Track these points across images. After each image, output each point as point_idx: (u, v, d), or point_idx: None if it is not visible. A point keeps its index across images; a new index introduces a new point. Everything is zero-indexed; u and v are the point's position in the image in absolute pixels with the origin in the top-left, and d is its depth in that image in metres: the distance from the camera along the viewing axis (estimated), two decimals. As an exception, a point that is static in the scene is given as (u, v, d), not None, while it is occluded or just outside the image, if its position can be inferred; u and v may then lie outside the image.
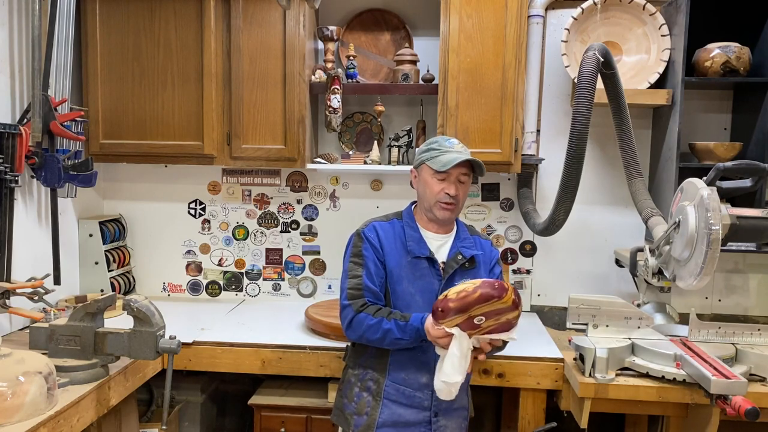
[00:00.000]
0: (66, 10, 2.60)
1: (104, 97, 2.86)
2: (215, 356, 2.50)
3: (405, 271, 2.02)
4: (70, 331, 2.02)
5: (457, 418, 2.08)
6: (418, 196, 2.11)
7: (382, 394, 2.02)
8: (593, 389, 2.13)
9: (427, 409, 2.02)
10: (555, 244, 3.06)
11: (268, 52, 2.79)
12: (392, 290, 2.02)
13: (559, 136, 2.96)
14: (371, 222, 2.10)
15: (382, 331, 1.92)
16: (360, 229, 2.08)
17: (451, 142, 2.04)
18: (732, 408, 1.88)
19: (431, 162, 2.01)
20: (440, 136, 2.10)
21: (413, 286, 2.02)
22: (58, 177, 2.57)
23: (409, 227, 2.08)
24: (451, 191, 2.00)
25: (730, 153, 2.67)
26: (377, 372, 2.03)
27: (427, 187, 2.03)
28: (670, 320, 2.58)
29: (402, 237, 2.06)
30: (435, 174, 2.00)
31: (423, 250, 2.04)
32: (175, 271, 3.29)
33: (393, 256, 2.03)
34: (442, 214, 2.03)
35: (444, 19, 2.70)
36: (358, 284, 2.00)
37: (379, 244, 2.03)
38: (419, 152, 2.08)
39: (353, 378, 2.08)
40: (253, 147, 2.84)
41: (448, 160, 1.98)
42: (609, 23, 2.78)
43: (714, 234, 1.85)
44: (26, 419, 1.70)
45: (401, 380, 2.01)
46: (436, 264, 2.04)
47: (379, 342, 1.95)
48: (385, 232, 2.06)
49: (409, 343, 1.92)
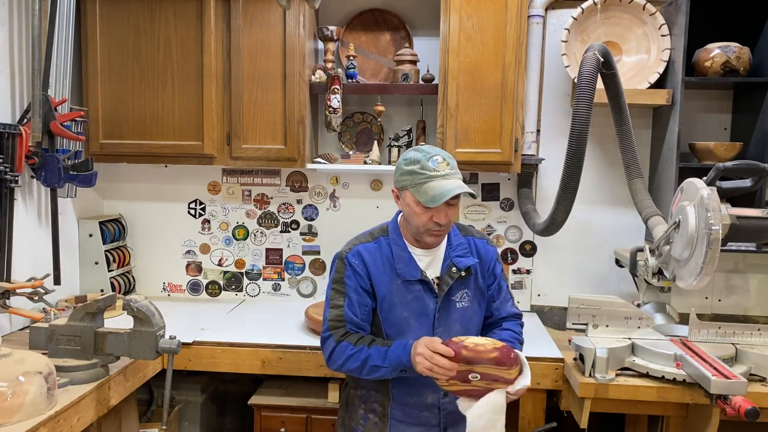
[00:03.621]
0: (66, 10, 2.60)
1: (104, 97, 2.86)
2: (215, 356, 2.50)
3: (397, 296, 1.86)
4: (70, 331, 2.02)
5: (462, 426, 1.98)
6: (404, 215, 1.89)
7: (389, 416, 1.91)
8: (593, 389, 2.13)
9: (435, 425, 1.92)
10: (555, 244, 3.06)
11: (268, 52, 2.79)
12: (384, 318, 1.87)
13: (559, 136, 2.96)
14: (356, 245, 1.90)
15: (360, 360, 1.79)
16: (343, 253, 1.90)
17: (434, 161, 1.77)
18: (732, 408, 1.88)
19: (416, 191, 1.76)
20: (421, 151, 1.81)
21: (407, 310, 1.86)
22: (58, 177, 2.57)
23: (396, 245, 1.89)
24: (441, 220, 1.79)
25: (730, 153, 2.67)
26: (381, 395, 1.91)
27: (413, 214, 1.80)
28: (670, 320, 2.58)
29: (390, 258, 1.88)
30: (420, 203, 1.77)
31: (414, 272, 1.86)
32: (175, 271, 3.29)
33: (382, 282, 1.86)
34: (432, 240, 1.85)
35: (444, 19, 2.70)
36: (339, 315, 1.85)
37: (364, 270, 1.86)
38: (400, 172, 1.82)
39: (357, 400, 1.96)
40: (253, 147, 2.84)
41: (437, 193, 1.73)
42: (609, 23, 2.78)
43: (714, 234, 1.85)
44: (26, 419, 1.70)
45: (406, 403, 1.90)
46: (429, 284, 1.87)
47: (358, 371, 1.81)
48: (371, 255, 1.88)
49: (388, 371, 1.77)
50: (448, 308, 1.90)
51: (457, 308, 1.90)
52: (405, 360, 1.74)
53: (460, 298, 1.90)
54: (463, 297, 1.91)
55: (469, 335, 1.83)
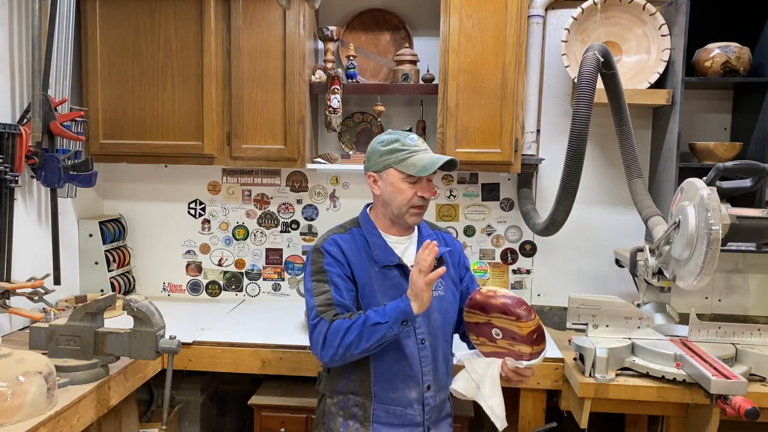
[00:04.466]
0: (66, 10, 2.60)
1: (104, 97, 2.86)
2: (215, 356, 2.50)
3: (376, 283, 1.87)
4: (70, 331, 2.02)
5: (447, 426, 2.02)
6: (380, 200, 1.93)
7: (371, 419, 1.87)
8: (593, 389, 2.13)
9: (419, 425, 1.89)
10: (555, 244, 3.06)
11: (268, 52, 2.79)
12: (366, 306, 1.85)
13: (559, 136, 2.96)
14: (330, 235, 1.93)
15: (359, 326, 1.74)
16: (318, 244, 1.90)
17: (411, 138, 1.88)
18: (732, 408, 1.88)
19: (402, 166, 1.84)
20: (392, 133, 1.91)
21: (387, 297, 1.85)
22: (58, 177, 2.57)
23: (371, 234, 1.92)
24: (426, 194, 1.88)
25: (730, 153, 2.67)
26: (361, 396, 1.88)
27: (397, 192, 1.86)
28: (670, 320, 2.58)
29: (365, 246, 1.90)
30: (407, 178, 1.85)
31: (391, 257, 1.90)
32: (175, 271, 3.29)
33: (361, 269, 1.88)
34: (414, 219, 1.91)
35: (444, 19, 2.70)
36: (328, 300, 1.82)
37: (343, 258, 1.87)
38: (379, 153, 1.89)
39: (334, 408, 1.92)
40: (253, 147, 2.84)
41: (427, 162, 1.83)
42: (609, 23, 2.78)
43: (714, 234, 1.85)
44: (26, 419, 1.70)
45: (390, 400, 1.87)
46: (406, 270, 1.89)
47: (357, 341, 1.74)
48: (347, 244, 1.90)
49: (389, 326, 1.73)
50: None
51: (434, 297, 1.89)
52: (403, 305, 1.74)
53: (435, 287, 1.91)
54: (438, 286, 1.93)
55: (448, 326, 1.95)
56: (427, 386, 1.89)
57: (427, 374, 1.89)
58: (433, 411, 1.92)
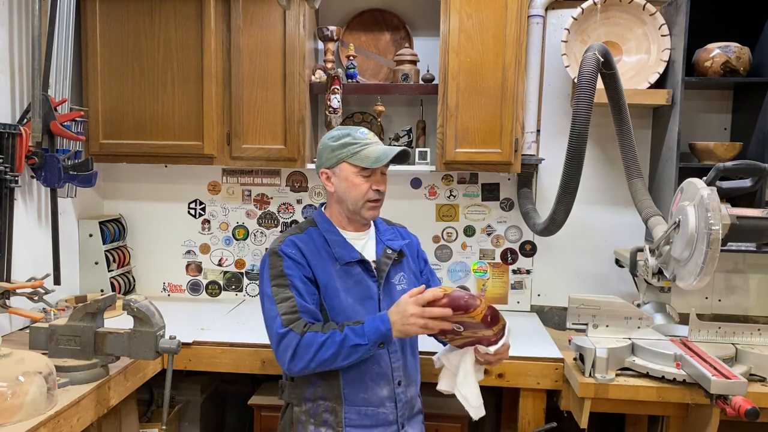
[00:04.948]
0: (66, 10, 2.60)
1: (104, 97, 2.86)
2: (215, 356, 2.49)
3: (339, 281, 1.84)
4: (70, 331, 2.02)
5: (419, 423, 2.00)
6: (334, 197, 1.90)
7: (343, 423, 1.83)
8: (593, 389, 2.13)
9: (393, 423, 1.87)
10: (555, 244, 3.06)
11: (268, 52, 2.79)
12: (329, 306, 1.82)
13: (559, 136, 2.96)
14: (286, 237, 1.88)
15: (336, 344, 1.70)
16: (276, 247, 1.85)
17: (362, 132, 1.87)
18: (732, 408, 1.88)
19: (356, 159, 1.82)
20: (341, 128, 1.91)
21: (351, 295, 1.84)
22: (58, 177, 2.57)
23: (329, 232, 1.90)
24: (381, 186, 1.87)
25: (730, 153, 2.67)
26: (331, 401, 1.84)
27: (352, 187, 1.85)
28: (670, 320, 2.58)
29: (324, 245, 1.87)
30: (361, 171, 1.83)
31: (352, 253, 1.87)
32: (175, 271, 3.29)
33: (322, 269, 1.84)
34: (371, 213, 1.90)
35: (444, 19, 2.70)
36: (292, 307, 1.76)
37: (303, 259, 1.82)
38: (331, 149, 1.86)
39: (303, 416, 1.87)
40: (253, 147, 2.84)
41: (380, 154, 1.82)
42: (609, 23, 2.78)
43: (714, 234, 1.85)
44: (26, 419, 1.70)
45: (361, 401, 1.83)
46: (368, 265, 1.89)
47: (332, 358, 1.71)
48: (305, 244, 1.85)
49: (368, 348, 1.71)
50: (390, 291, 1.91)
51: (398, 291, 1.91)
52: (384, 328, 1.70)
53: (398, 281, 1.93)
54: (401, 280, 1.95)
55: None
56: (398, 382, 1.88)
57: (397, 370, 1.88)
58: (406, 407, 1.91)
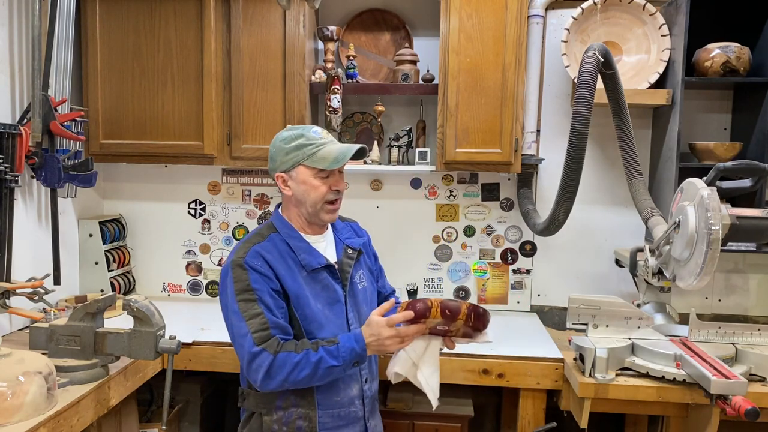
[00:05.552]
0: (66, 10, 2.60)
1: (104, 97, 2.86)
2: (215, 356, 2.50)
3: (307, 289, 1.80)
4: (70, 331, 2.02)
5: (377, 412, 2.02)
6: (292, 201, 1.86)
7: (317, 427, 1.82)
8: (593, 389, 2.13)
9: (361, 418, 1.89)
10: (555, 244, 3.06)
11: (268, 52, 2.79)
12: (302, 316, 1.78)
13: (559, 136, 2.96)
14: (250, 247, 1.79)
15: (311, 365, 1.68)
16: (239, 259, 1.76)
17: (315, 131, 1.82)
18: (732, 408, 1.88)
19: (312, 161, 1.78)
20: (294, 129, 1.84)
21: (320, 301, 1.81)
22: (58, 177, 2.57)
23: (292, 238, 1.85)
24: (341, 186, 1.84)
25: (730, 153, 2.67)
26: (304, 408, 1.81)
27: (310, 189, 1.80)
28: (670, 320, 2.58)
29: (289, 252, 1.82)
30: (318, 173, 1.79)
31: (319, 259, 1.84)
32: (175, 271, 3.29)
33: (290, 278, 1.78)
34: (330, 216, 1.86)
35: (444, 19, 2.70)
36: (263, 324, 1.70)
37: (270, 271, 1.75)
38: (285, 152, 1.81)
39: (276, 425, 1.82)
40: (253, 147, 2.84)
41: (337, 154, 1.78)
42: (609, 23, 2.78)
43: (714, 234, 1.85)
44: (26, 419, 1.70)
45: (333, 404, 1.83)
46: (333, 269, 1.86)
47: (308, 379, 1.70)
48: (270, 253, 1.78)
49: (343, 369, 1.71)
50: (354, 292, 1.91)
51: (360, 290, 1.93)
52: (359, 349, 1.71)
53: (359, 279, 1.94)
54: (361, 278, 1.95)
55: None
56: (365, 379, 1.90)
57: (364, 368, 1.89)
58: (370, 402, 1.93)
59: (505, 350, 2.42)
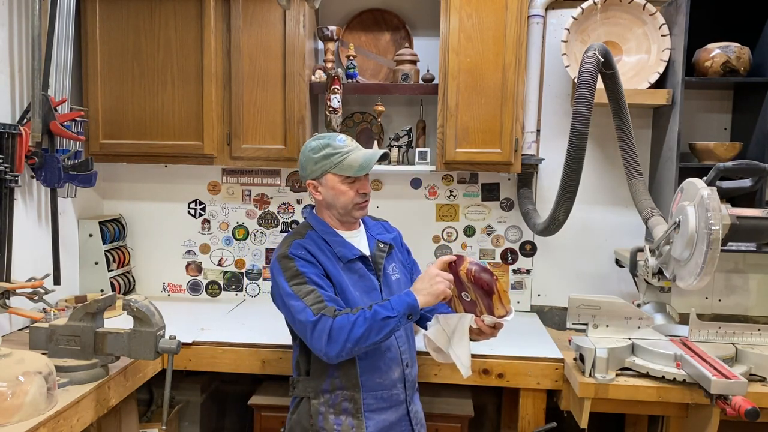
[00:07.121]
0: (66, 10, 2.60)
1: (104, 96, 2.86)
2: (215, 356, 2.50)
3: (345, 278, 1.92)
4: (70, 331, 2.02)
5: (418, 398, 2.11)
6: (323, 204, 1.98)
7: (362, 409, 1.91)
8: (593, 389, 2.13)
9: (403, 402, 1.98)
10: (555, 244, 3.06)
11: (268, 52, 2.79)
12: (343, 301, 1.89)
13: (559, 136, 2.96)
14: (292, 241, 1.93)
15: (367, 320, 1.75)
16: (284, 252, 1.90)
17: (341, 139, 1.93)
18: (732, 408, 1.88)
19: (339, 170, 1.90)
20: (321, 138, 1.95)
21: (358, 289, 1.93)
22: (58, 177, 2.57)
23: (328, 233, 1.97)
24: (367, 189, 1.96)
25: (730, 153, 2.67)
26: (350, 389, 1.91)
27: (339, 194, 1.93)
28: (670, 320, 2.58)
29: (326, 246, 1.94)
30: (345, 179, 1.91)
31: (354, 250, 1.97)
32: (175, 271, 3.29)
33: (331, 267, 1.91)
34: (361, 213, 1.99)
35: (444, 19, 2.70)
36: (318, 298, 1.81)
37: (313, 259, 1.89)
38: (314, 161, 1.92)
39: (323, 407, 1.92)
40: (253, 147, 2.84)
41: (362, 161, 1.89)
42: (609, 23, 2.78)
43: (714, 234, 1.85)
44: (26, 419, 1.70)
45: (377, 386, 1.92)
46: (367, 260, 1.99)
47: (366, 335, 1.75)
48: (310, 246, 1.91)
49: (398, 320, 1.76)
50: (388, 282, 2.03)
51: (394, 280, 2.04)
52: (410, 300, 1.78)
53: (392, 271, 2.06)
54: (394, 270, 2.07)
55: None
56: (406, 363, 1.99)
57: (405, 352, 1.99)
58: (411, 386, 2.02)
59: (506, 350, 2.42)
